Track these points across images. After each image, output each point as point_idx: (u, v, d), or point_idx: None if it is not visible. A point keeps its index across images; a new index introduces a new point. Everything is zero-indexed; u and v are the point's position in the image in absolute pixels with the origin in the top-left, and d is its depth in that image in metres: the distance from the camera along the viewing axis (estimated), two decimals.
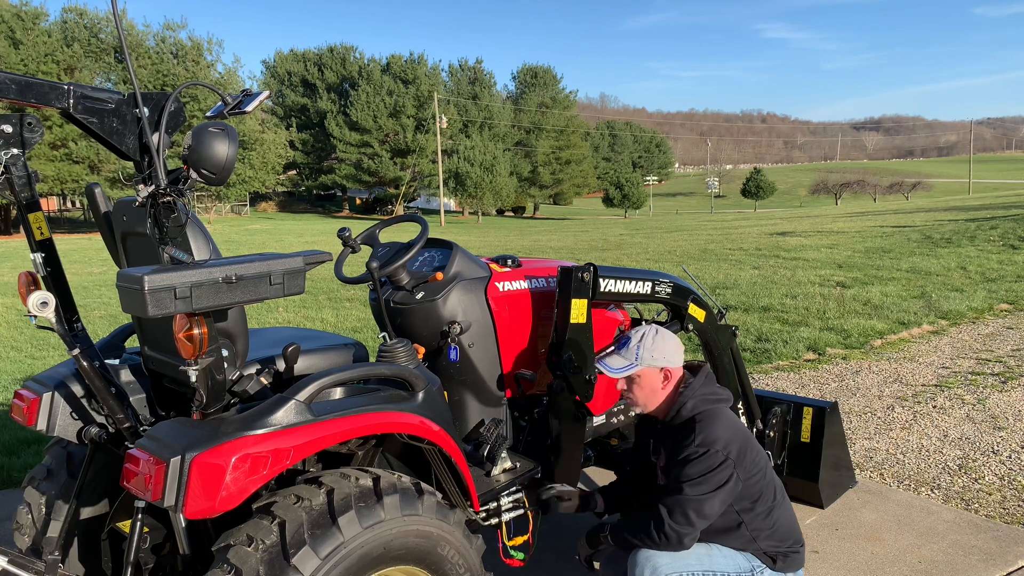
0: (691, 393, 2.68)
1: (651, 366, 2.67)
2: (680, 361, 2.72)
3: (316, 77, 60.64)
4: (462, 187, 55.59)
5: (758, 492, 2.67)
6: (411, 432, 2.32)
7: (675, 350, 2.71)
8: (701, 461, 2.54)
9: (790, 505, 2.85)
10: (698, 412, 2.65)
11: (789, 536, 2.76)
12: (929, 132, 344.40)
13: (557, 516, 3.95)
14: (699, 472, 2.53)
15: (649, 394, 2.71)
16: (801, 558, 2.80)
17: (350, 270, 3.17)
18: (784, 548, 2.74)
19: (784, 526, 2.75)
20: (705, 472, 2.53)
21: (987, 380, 6.34)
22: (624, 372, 2.68)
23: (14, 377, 7.26)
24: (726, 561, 2.68)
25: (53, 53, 35.95)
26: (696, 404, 2.66)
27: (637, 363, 2.67)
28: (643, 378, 2.69)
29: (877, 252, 14.60)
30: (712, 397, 2.70)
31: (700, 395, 2.68)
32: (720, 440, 2.56)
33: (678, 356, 2.71)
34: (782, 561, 2.73)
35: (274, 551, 1.95)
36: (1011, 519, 3.96)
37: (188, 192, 2.14)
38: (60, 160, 35.88)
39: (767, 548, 2.70)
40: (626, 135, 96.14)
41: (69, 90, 2.10)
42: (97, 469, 2.60)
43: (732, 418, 2.69)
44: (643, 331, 2.71)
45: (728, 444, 2.57)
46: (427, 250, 3.24)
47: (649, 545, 2.59)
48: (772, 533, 2.71)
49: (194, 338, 1.99)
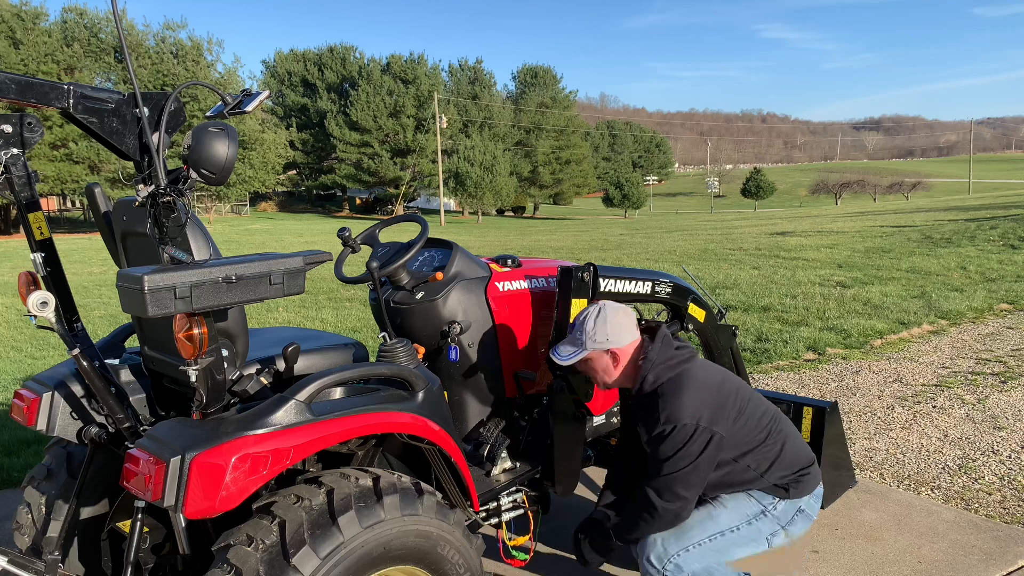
0: (650, 365, 2.63)
1: (596, 349, 2.65)
2: (626, 339, 2.66)
3: (316, 77, 60.64)
4: (462, 187, 55.60)
5: (751, 434, 2.63)
6: (411, 432, 2.32)
7: (618, 329, 2.64)
8: (672, 438, 2.52)
9: (792, 428, 2.78)
10: (660, 384, 2.61)
11: (797, 462, 2.71)
12: (929, 132, 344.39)
13: (557, 516, 3.95)
14: (673, 449, 2.51)
15: (603, 374, 2.72)
16: (815, 477, 2.76)
17: (350, 270, 3.17)
18: (794, 474, 2.69)
19: (790, 453, 2.69)
20: (679, 448, 2.51)
21: (987, 380, 6.34)
22: (571, 360, 2.67)
23: (14, 377, 7.26)
24: (731, 515, 2.66)
25: (53, 53, 35.95)
26: (657, 375, 2.61)
27: (582, 349, 2.65)
28: (593, 361, 2.69)
29: (877, 252, 14.60)
30: (673, 362, 2.63)
31: (660, 364, 2.63)
32: (686, 412, 2.52)
33: (623, 334, 2.65)
34: (795, 488, 2.68)
35: (274, 551, 1.95)
36: (1011, 519, 3.96)
37: (188, 192, 2.14)
38: (60, 160, 35.88)
39: (777, 480, 2.66)
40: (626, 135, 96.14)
41: (69, 90, 2.10)
42: (97, 469, 2.60)
43: (698, 377, 2.61)
44: (586, 313, 2.68)
45: (697, 412, 2.52)
46: (427, 250, 3.24)
47: (652, 530, 2.58)
48: (778, 464, 2.66)
49: (194, 338, 1.99)
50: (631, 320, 2.70)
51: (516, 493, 2.94)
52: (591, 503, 4.22)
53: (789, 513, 2.71)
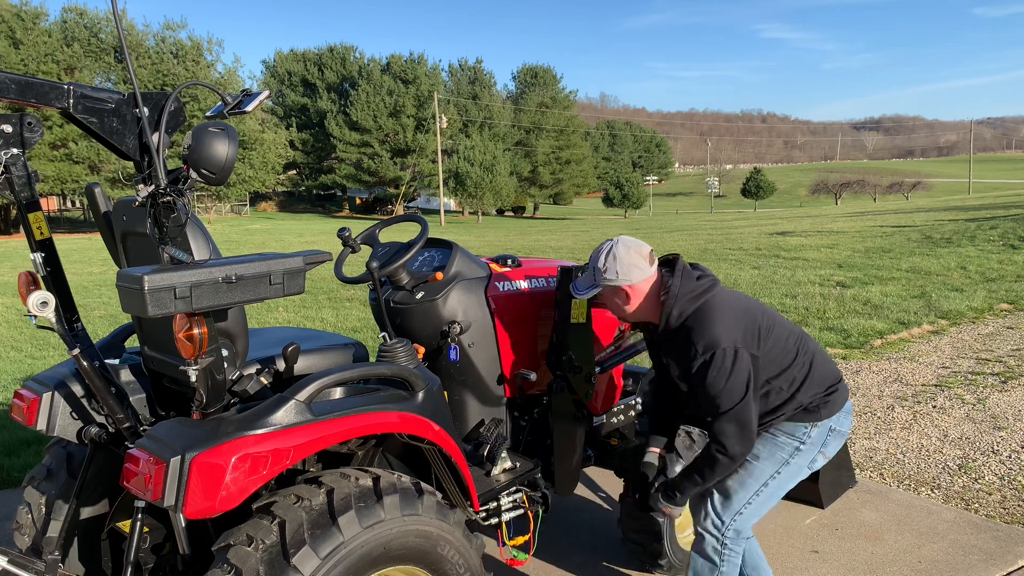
0: (673, 299, 2.57)
1: (608, 286, 2.62)
2: (637, 277, 2.58)
3: (316, 77, 60.64)
4: (462, 187, 55.59)
5: (780, 354, 2.61)
6: (411, 432, 2.32)
7: (628, 268, 2.57)
8: (715, 366, 2.46)
9: (816, 345, 2.77)
10: (686, 316, 2.56)
11: (825, 380, 2.70)
12: (929, 132, 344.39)
13: (557, 517, 3.95)
14: (722, 378, 2.46)
15: (618, 310, 2.69)
16: (843, 394, 2.75)
17: (350, 270, 3.17)
18: (823, 393, 2.68)
19: (818, 372, 2.68)
20: (727, 375, 2.46)
21: (987, 380, 6.34)
22: (587, 294, 2.67)
23: (14, 377, 7.26)
24: (767, 463, 2.66)
25: (53, 53, 35.93)
26: (682, 308, 2.56)
27: (596, 285, 2.63)
28: (606, 297, 2.67)
29: (877, 252, 14.60)
30: (696, 293, 2.57)
31: (684, 297, 2.56)
32: (721, 337, 2.47)
33: (633, 272, 2.57)
34: (825, 408, 2.67)
35: (274, 551, 1.95)
36: (1011, 519, 3.96)
37: (188, 192, 2.14)
38: (60, 160, 35.86)
39: (808, 401, 2.64)
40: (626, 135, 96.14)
41: (69, 90, 2.11)
42: (97, 469, 2.60)
43: (724, 302, 2.57)
44: (600, 250, 2.64)
45: (731, 336, 2.49)
46: (427, 250, 3.24)
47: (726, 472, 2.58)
48: (809, 383, 2.64)
49: (194, 338, 1.99)
50: (643, 257, 2.60)
51: (516, 493, 2.94)
52: (591, 503, 4.23)
53: (823, 436, 2.69)
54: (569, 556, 3.63)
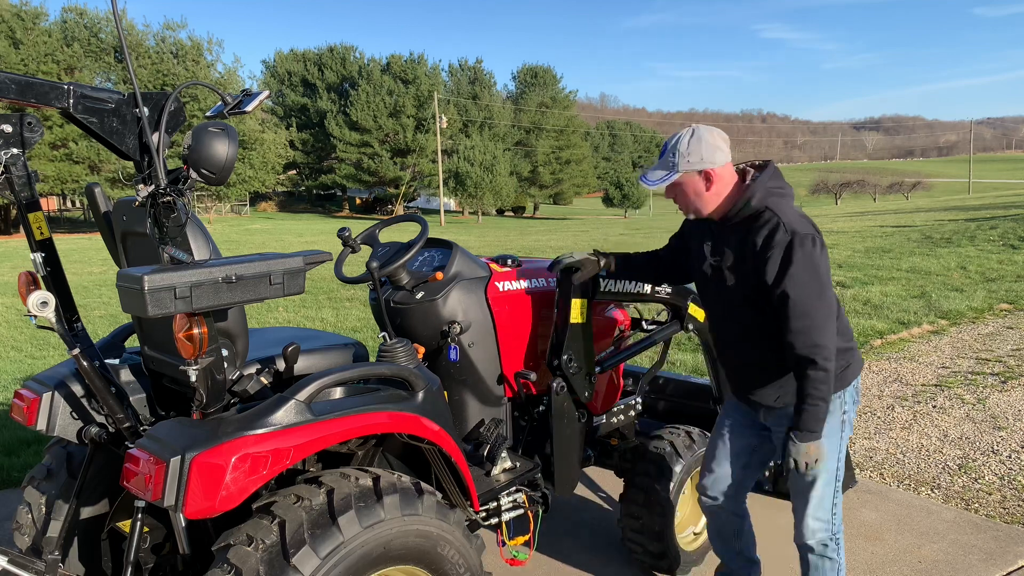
0: (757, 187, 2.47)
1: (688, 171, 2.49)
2: (724, 159, 2.49)
3: (316, 77, 60.59)
4: (462, 187, 55.55)
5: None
6: (411, 432, 2.32)
7: (714, 150, 2.48)
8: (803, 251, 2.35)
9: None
10: (767, 203, 2.45)
11: (847, 330, 2.66)
12: (929, 132, 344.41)
13: (557, 517, 3.95)
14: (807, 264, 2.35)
15: (694, 198, 2.54)
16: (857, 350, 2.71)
17: (350, 270, 3.17)
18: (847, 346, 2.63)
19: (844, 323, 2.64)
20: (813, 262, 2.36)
21: (987, 380, 6.34)
22: (661, 183, 2.51)
23: (14, 377, 7.26)
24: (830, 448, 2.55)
25: (53, 53, 35.90)
26: (763, 196, 2.46)
27: (674, 171, 2.49)
28: (684, 185, 2.53)
29: (877, 252, 14.60)
30: (779, 191, 2.49)
31: (767, 188, 2.48)
32: (807, 224, 2.40)
33: (720, 154, 2.49)
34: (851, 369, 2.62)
35: (274, 551, 1.95)
36: (1011, 519, 3.96)
37: (188, 192, 2.14)
38: (60, 160, 35.83)
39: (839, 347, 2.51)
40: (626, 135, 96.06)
41: (69, 90, 2.11)
42: (97, 469, 2.60)
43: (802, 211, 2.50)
44: (679, 135, 2.54)
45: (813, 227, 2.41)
46: (427, 250, 3.24)
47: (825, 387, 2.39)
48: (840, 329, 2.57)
49: (194, 338, 1.99)
50: (724, 140, 2.53)
51: (516, 493, 2.94)
52: (591, 503, 4.23)
53: (853, 397, 2.66)
54: (569, 556, 3.63)
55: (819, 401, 2.40)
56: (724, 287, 2.60)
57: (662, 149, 2.58)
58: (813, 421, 2.42)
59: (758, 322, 2.54)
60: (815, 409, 2.41)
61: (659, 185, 2.54)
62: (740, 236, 2.51)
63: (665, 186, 2.55)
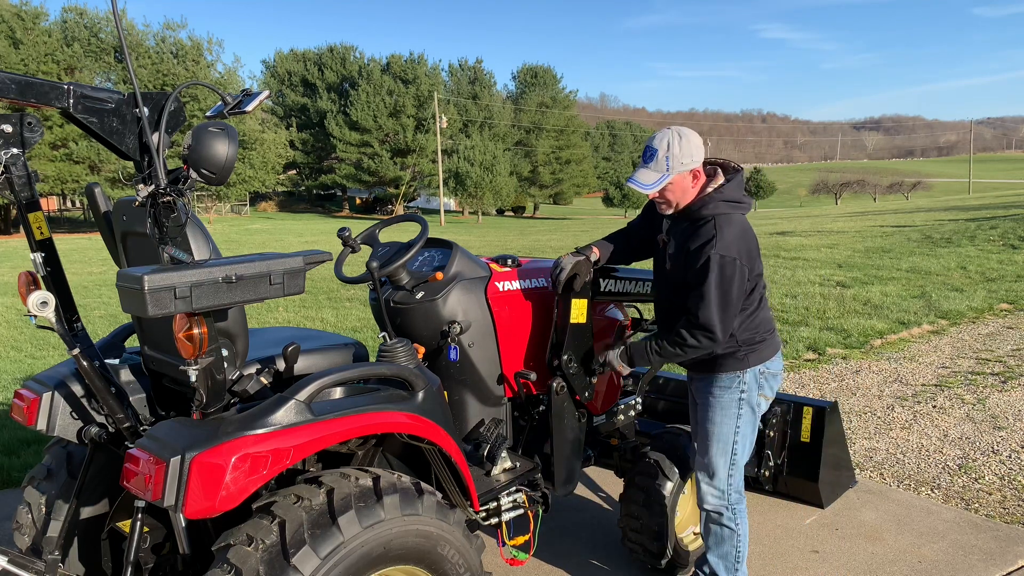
0: (719, 195, 2.74)
1: (681, 172, 2.70)
2: (700, 157, 2.74)
3: (316, 77, 60.59)
4: (462, 187, 55.54)
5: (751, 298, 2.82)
6: (411, 432, 2.32)
7: (697, 149, 2.72)
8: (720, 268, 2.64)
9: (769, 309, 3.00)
10: (719, 214, 2.72)
11: (763, 325, 2.91)
12: (929, 132, 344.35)
13: (557, 517, 3.95)
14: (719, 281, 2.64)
15: (681, 194, 2.76)
16: (775, 342, 2.97)
17: (350, 270, 3.17)
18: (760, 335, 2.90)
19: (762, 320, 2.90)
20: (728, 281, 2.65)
21: (987, 380, 6.34)
22: (658, 186, 2.71)
23: (14, 377, 7.26)
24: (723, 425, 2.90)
25: (53, 53, 35.89)
26: (716, 208, 2.72)
27: (668, 173, 2.69)
28: (675, 184, 2.73)
29: (877, 252, 14.59)
30: (734, 201, 2.75)
31: (724, 200, 2.74)
32: (735, 248, 2.67)
33: (700, 152, 2.74)
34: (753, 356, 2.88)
35: (274, 551, 1.95)
36: (1011, 519, 3.96)
37: (188, 192, 2.14)
38: (60, 160, 35.82)
39: (744, 338, 2.84)
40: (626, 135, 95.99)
41: (69, 90, 2.11)
42: (97, 469, 2.60)
43: (745, 224, 2.77)
44: (666, 138, 2.71)
45: (740, 252, 2.68)
46: (427, 250, 3.24)
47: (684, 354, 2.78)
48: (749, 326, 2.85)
49: (194, 338, 1.99)
50: (701, 141, 2.78)
51: (516, 493, 2.94)
52: (591, 503, 4.23)
53: (755, 379, 2.92)
54: (569, 556, 3.63)
55: (655, 355, 2.84)
56: (664, 269, 2.93)
57: (646, 152, 2.74)
58: (640, 357, 2.88)
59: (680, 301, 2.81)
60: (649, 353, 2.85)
61: (657, 188, 2.71)
62: (685, 233, 2.80)
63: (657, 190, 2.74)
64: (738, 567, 3.04)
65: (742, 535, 3.01)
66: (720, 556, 3.04)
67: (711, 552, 3.06)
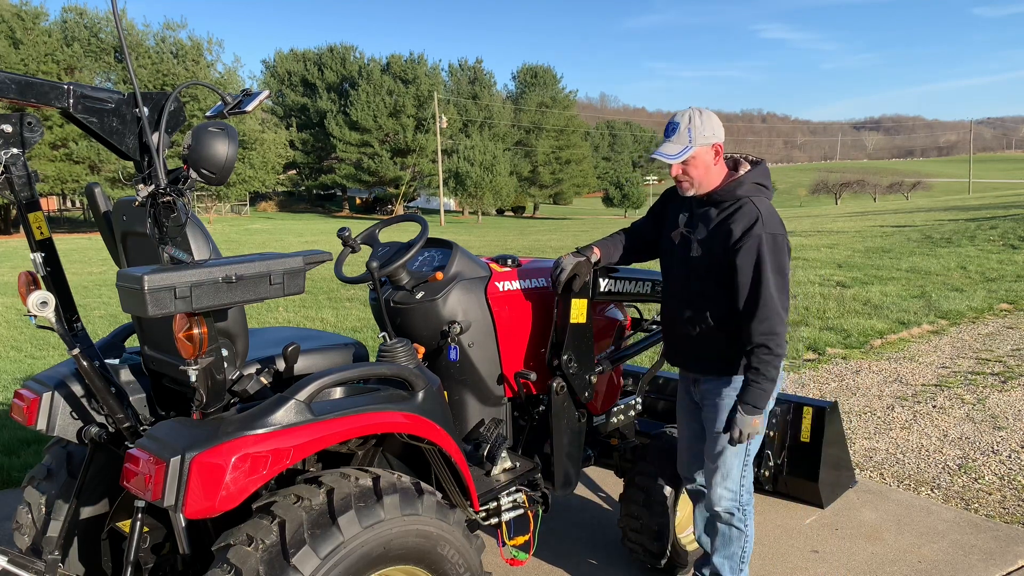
0: (748, 178, 2.74)
1: (703, 145, 2.70)
2: (722, 134, 2.75)
3: (316, 77, 60.57)
4: (462, 187, 55.54)
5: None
6: (411, 432, 2.32)
7: (719, 125, 2.74)
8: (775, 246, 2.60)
9: None
10: (752, 195, 2.71)
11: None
12: (929, 132, 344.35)
13: (557, 517, 3.95)
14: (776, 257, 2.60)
15: (704, 173, 2.74)
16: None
17: (350, 270, 3.17)
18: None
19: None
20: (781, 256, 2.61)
21: (987, 380, 6.34)
22: (682, 157, 2.69)
23: (14, 377, 7.26)
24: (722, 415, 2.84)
25: (53, 53, 35.88)
26: (749, 189, 2.72)
27: (691, 145, 2.69)
28: (697, 158, 2.71)
29: (877, 252, 14.59)
30: (764, 185, 2.75)
31: (755, 183, 2.74)
32: (778, 224, 2.66)
33: (721, 130, 2.75)
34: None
35: (274, 551, 1.95)
36: (1011, 519, 3.96)
37: (188, 192, 2.14)
38: (60, 160, 35.81)
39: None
40: (626, 135, 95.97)
41: (69, 90, 2.11)
42: (97, 469, 2.60)
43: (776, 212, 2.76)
44: (688, 113, 2.72)
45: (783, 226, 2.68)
46: (427, 250, 3.24)
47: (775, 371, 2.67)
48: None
49: (194, 338, 1.99)
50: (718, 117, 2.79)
51: (516, 493, 2.94)
52: (591, 503, 4.23)
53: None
54: (569, 556, 3.63)
55: (768, 382, 2.67)
56: (688, 256, 2.83)
57: (668, 128, 2.75)
58: (760, 398, 2.69)
59: (708, 293, 2.77)
60: (763, 387, 2.67)
61: (681, 158, 2.70)
62: (718, 216, 2.75)
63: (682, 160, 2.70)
64: (742, 567, 3.03)
65: (749, 535, 3.00)
66: (726, 557, 3.02)
67: (717, 553, 3.03)
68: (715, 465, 2.91)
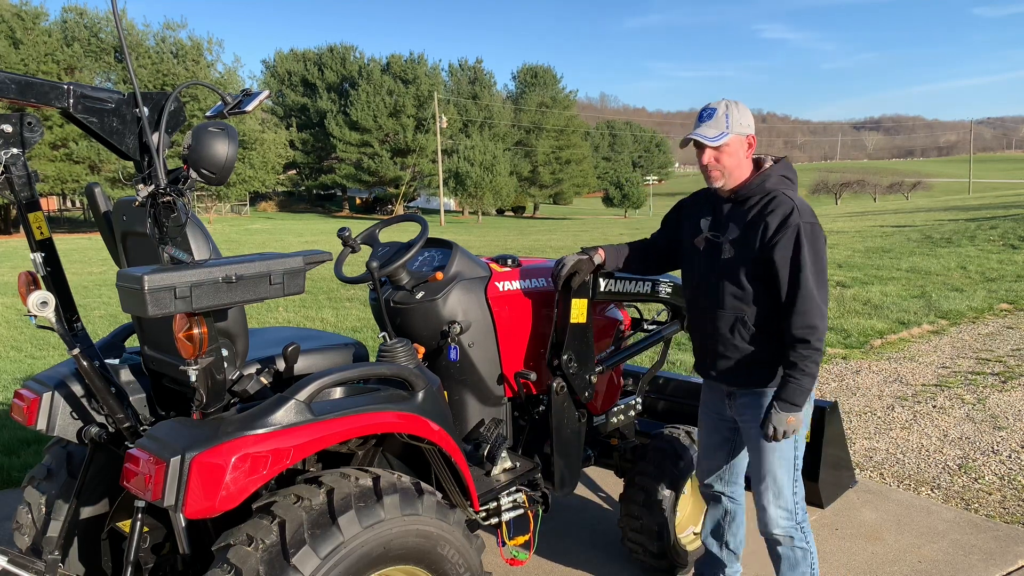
0: (775, 171, 2.71)
1: (739, 134, 2.67)
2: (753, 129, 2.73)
3: (316, 77, 60.57)
4: (462, 187, 55.53)
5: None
6: (411, 432, 2.32)
7: (751, 118, 2.73)
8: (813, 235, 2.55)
9: None
10: (782, 188, 2.67)
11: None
12: (929, 132, 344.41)
13: (557, 517, 3.95)
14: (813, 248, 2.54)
15: (736, 164, 2.69)
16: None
17: (350, 270, 3.17)
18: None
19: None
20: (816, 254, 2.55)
21: (987, 380, 6.34)
22: (720, 141, 2.63)
23: (14, 377, 7.26)
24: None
25: (53, 53, 35.87)
26: (778, 182, 2.68)
27: (728, 131, 2.64)
28: (731, 146, 2.67)
29: (877, 252, 14.60)
30: (790, 179, 2.72)
31: (782, 176, 2.71)
32: (812, 213, 2.60)
33: (753, 124, 2.74)
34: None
35: (274, 551, 1.95)
36: (1011, 519, 3.96)
37: (188, 192, 2.14)
38: (60, 160, 35.80)
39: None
40: (626, 135, 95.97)
41: (69, 90, 2.11)
42: (97, 469, 2.60)
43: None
44: (724, 102, 2.70)
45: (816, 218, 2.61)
46: (427, 250, 3.24)
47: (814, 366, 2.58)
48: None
49: (194, 338, 1.99)
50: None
51: (516, 493, 2.94)
52: (591, 503, 4.23)
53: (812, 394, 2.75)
54: (569, 556, 3.63)
55: (807, 378, 2.57)
56: (718, 259, 2.74)
57: (704, 113, 2.70)
58: (798, 394, 2.58)
59: (744, 296, 2.68)
60: (801, 383, 2.57)
61: (719, 142, 2.64)
62: (749, 213, 2.67)
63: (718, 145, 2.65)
64: None
65: (814, 552, 2.82)
66: None
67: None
68: (764, 483, 2.75)
